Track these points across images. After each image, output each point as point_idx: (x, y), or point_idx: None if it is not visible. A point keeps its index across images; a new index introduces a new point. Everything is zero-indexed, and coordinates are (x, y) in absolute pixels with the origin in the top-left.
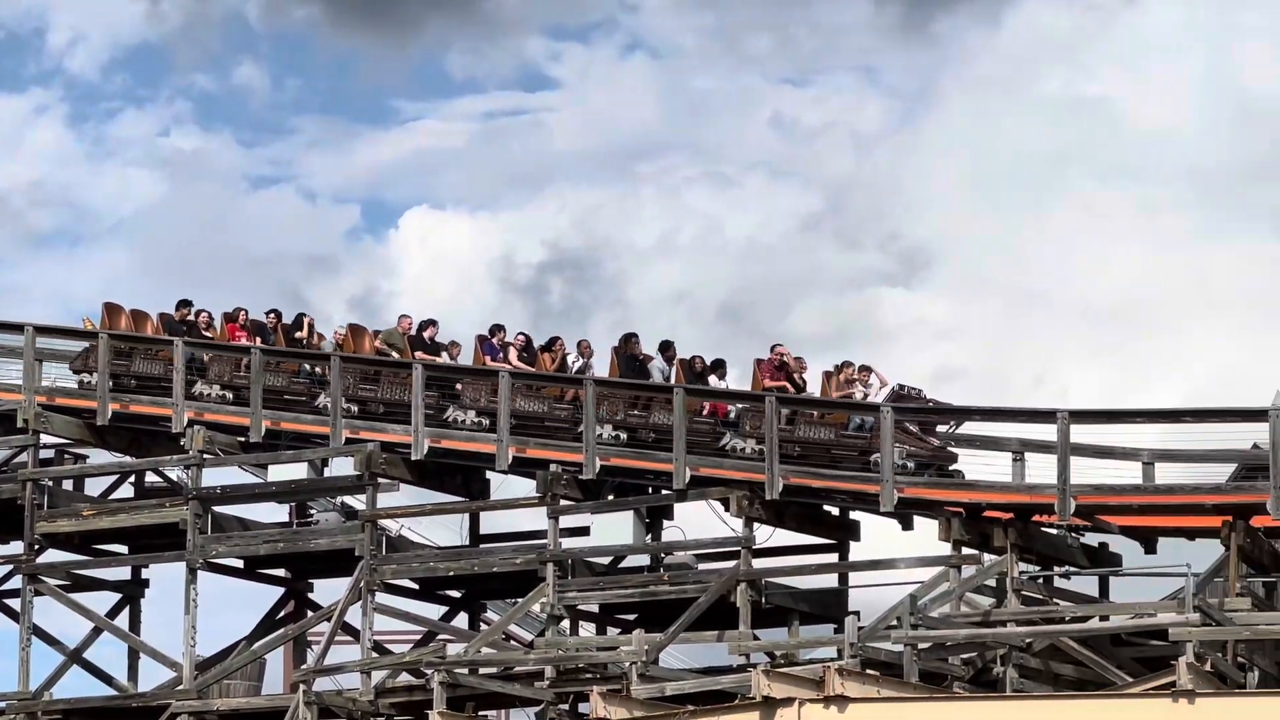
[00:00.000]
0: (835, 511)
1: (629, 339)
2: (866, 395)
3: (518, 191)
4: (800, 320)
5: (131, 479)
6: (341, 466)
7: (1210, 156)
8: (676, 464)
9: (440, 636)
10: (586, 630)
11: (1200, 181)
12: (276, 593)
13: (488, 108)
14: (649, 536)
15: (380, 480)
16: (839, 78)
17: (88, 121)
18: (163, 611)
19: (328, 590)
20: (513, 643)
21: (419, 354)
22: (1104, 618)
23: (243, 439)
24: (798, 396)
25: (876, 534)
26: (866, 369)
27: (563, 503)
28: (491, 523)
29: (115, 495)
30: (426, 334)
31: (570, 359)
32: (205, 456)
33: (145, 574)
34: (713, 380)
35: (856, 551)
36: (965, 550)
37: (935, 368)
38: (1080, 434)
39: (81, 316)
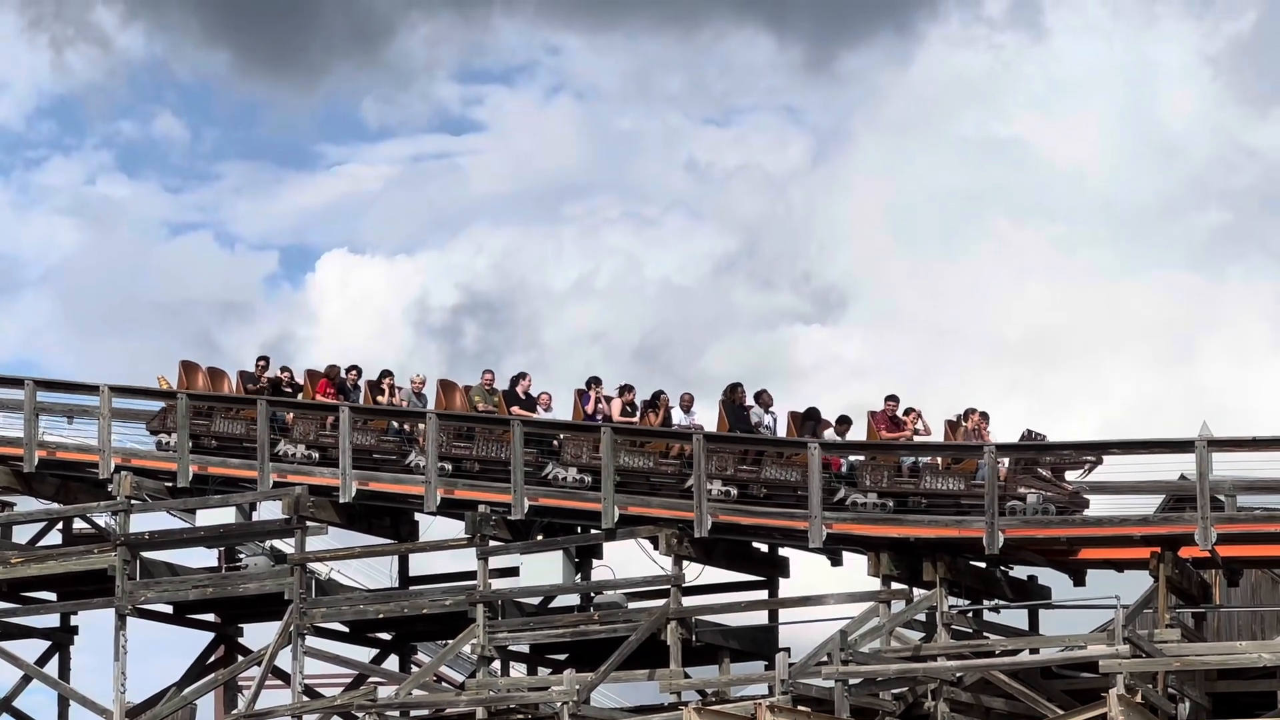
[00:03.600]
0: (764, 548)
1: (734, 389)
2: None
3: (438, 234)
4: (714, 359)
5: (59, 526)
6: (269, 510)
7: (1123, 193)
8: (605, 503)
9: (371, 679)
10: (517, 671)
11: (1114, 218)
12: (206, 638)
13: (413, 151)
14: (578, 576)
15: (309, 524)
16: (752, 118)
17: (13, 170)
18: (92, 658)
19: (258, 634)
20: (444, 684)
21: (515, 409)
22: (1034, 651)
23: (170, 484)
24: (903, 443)
25: (806, 570)
26: (985, 416)
27: (492, 543)
28: (421, 564)
29: (43, 542)
30: (520, 387)
31: (675, 414)
32: (133, 502)
33: (74, 621)
34: (829, 433)
35: (786, 588)
36: (895, 585)
37: (849, 405)
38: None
39: (156, 375)
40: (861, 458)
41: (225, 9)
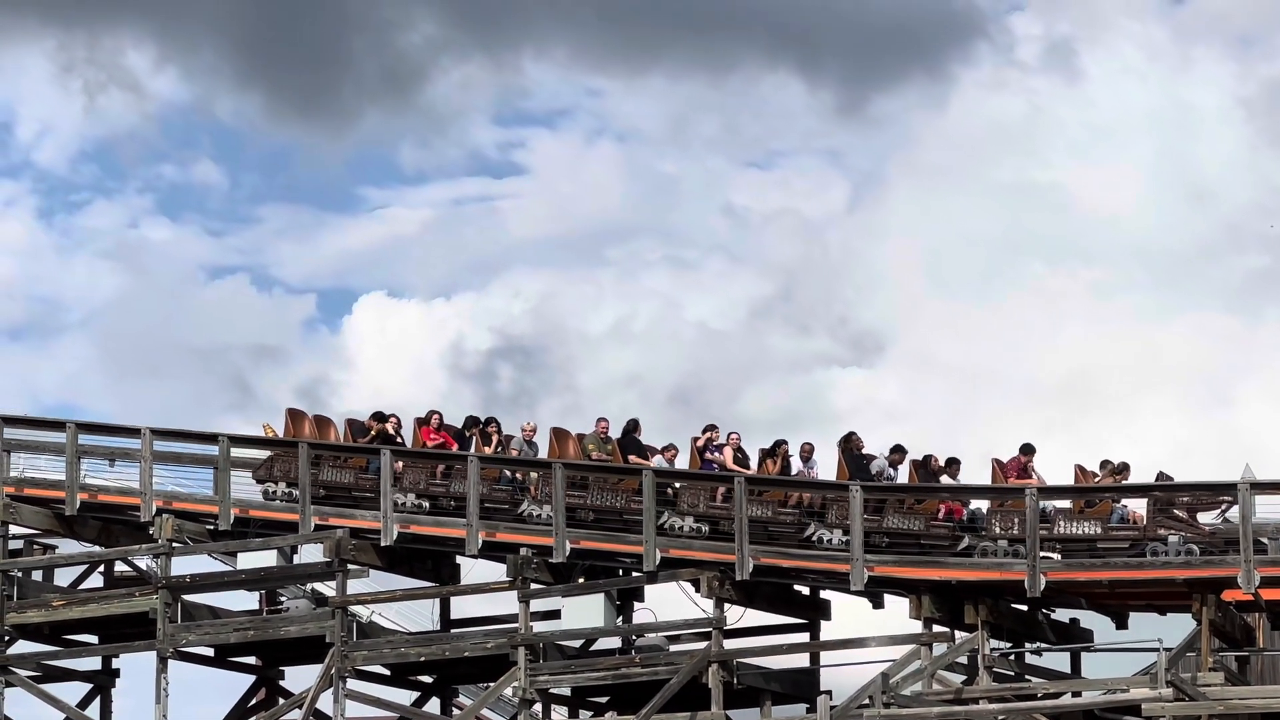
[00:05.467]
0: (806, 591)
1: (850, 437)
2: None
3: (477, 277)
4: (751, 403)
5: (101, 568)
6: (311, 553)
7: (1160, 236)
8: (647, 546)
9: None
10: (559, 714)
11: (1150, 261)
12: (247, 681)
13: (456, 194)
14: (620, 619)
15: (350, 566)
16: (787, 162)
17: (56, 214)
18: (134, 701)
19: (299, 677)
20: None
21: (633, 457)
22: (1077, 694)
23: (211, 526)
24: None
25: (847, 613)
26: (1125, 466)
27: (533, 586)
28: (462, 607)
29: (85, 585)
30: (636, 433)
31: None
32: (174, 545)
33: (116, 664)
34: (944, 479)
35: (828, 631)
36: (936, 628)
37: (885, 448)
38: None
39: (262, 424)
40: (986, 504)
41: (256, 54)
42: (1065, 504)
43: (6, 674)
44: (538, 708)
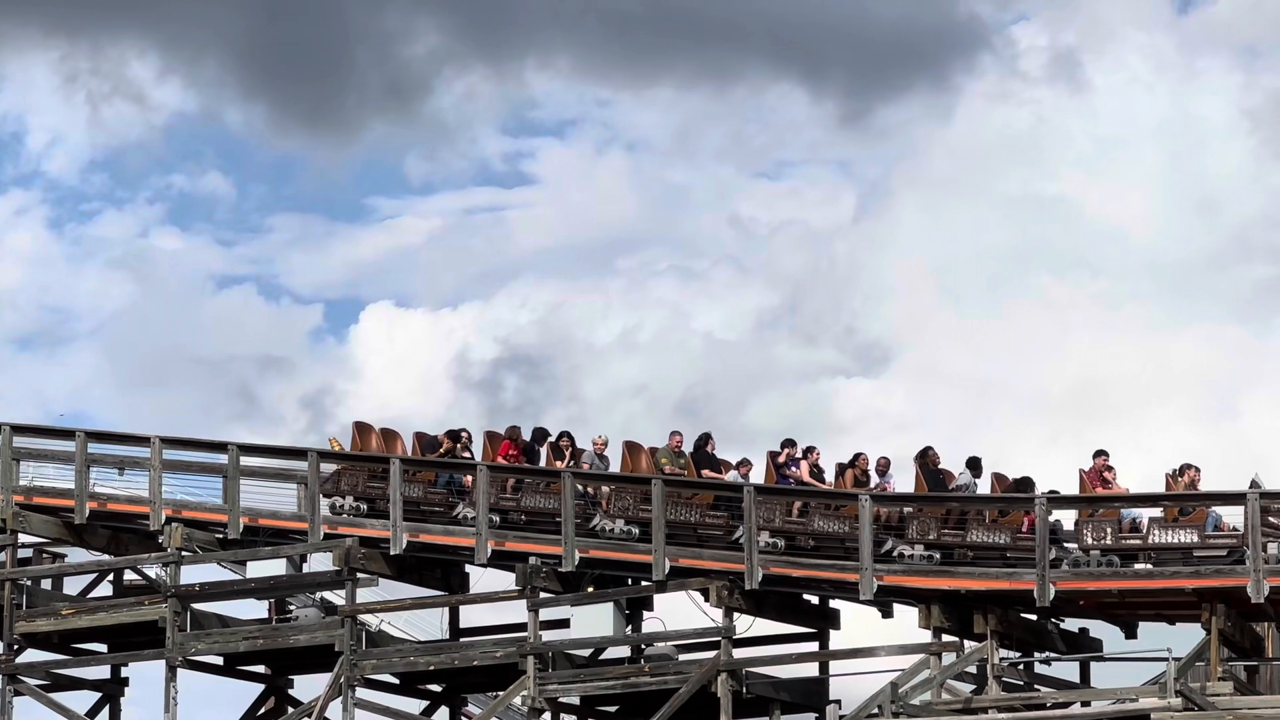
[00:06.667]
0: (815, 600)
1: (926, 453)
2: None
3: (484, 287)
4: (757, 413)
5: (110, 577)
6: (320, 562)
7: (1167, 247)
8: (656, 555)
9: None
10: None
11: (1157, 272)
12: (256, 689)
13: (466, 204)
14: (629, 628)
15: (359, 575)
16: (793, 172)
17: (67, 224)
18: (143, 710)
19: (308, 686)
20: None
21: (707, 472)
22: (1086, 703)
23: (220, 535)
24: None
25: (856, 622)
26: (1196, 469)
27: (542, 595)
28: (471, 616)
29: (94, 594)
30: (710, 446)
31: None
32: (184, 554)
33: (125, 672)
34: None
35: (837, 640)
36: (946, 637)
37: (893, 458)
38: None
39: (329, 436)
40: (1074, 514)
41: (259, 65)
42: (1157, 513)
43: (15, 683)
44: (547, 717)
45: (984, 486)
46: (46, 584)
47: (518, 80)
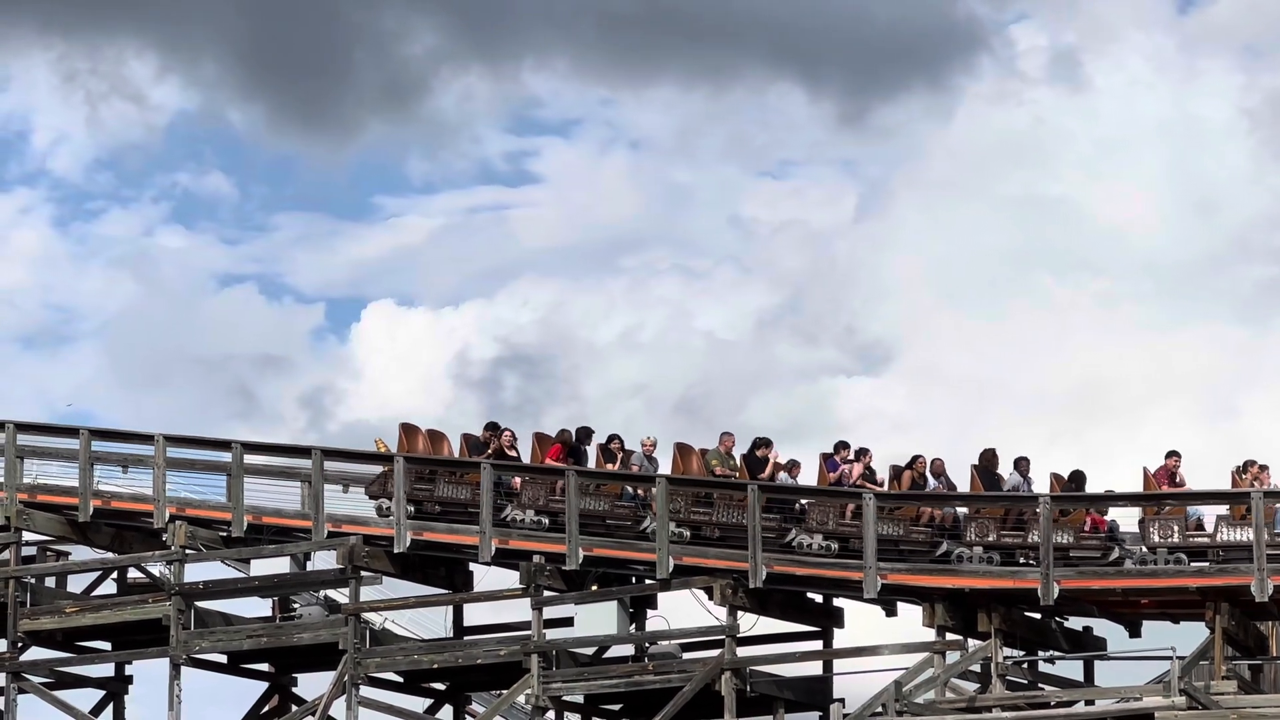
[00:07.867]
0: (819, 599)
1: (987, 454)
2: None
3: (486, 285)
4: (756, 412)
5: (114, 575)
6: (324, 560)
7: (1167, 248)
8: (660, 553)
9: None
10: None
11: (1157, 272)
12: (260, 688)
13: (470, 203)
14: (633, 626)
15: (363, 574)
16: (793, 172)
17: (72, 222)
18: (147, 708)
19: (312, 684)
20: None
21: (763, 475)
22: (1089, 702)
23: (224, 533)
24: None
25: (860, 621)
26: (1265, 468)
27: (546, 594)
28: (475, 615)
29: (98, 592)
30: (760, 452)
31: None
32: (188, 551)
33: (129, 670)
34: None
35: (840, 639)
36: (950, 636)
37: (891, 458)
38: None
39: (374, 438)
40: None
41: (256, 65)
42: (1224, 510)
43: (19, 680)
44: (551, 715)
45: (1040, 485)
46: (50, 582)
47: (515, 80)
